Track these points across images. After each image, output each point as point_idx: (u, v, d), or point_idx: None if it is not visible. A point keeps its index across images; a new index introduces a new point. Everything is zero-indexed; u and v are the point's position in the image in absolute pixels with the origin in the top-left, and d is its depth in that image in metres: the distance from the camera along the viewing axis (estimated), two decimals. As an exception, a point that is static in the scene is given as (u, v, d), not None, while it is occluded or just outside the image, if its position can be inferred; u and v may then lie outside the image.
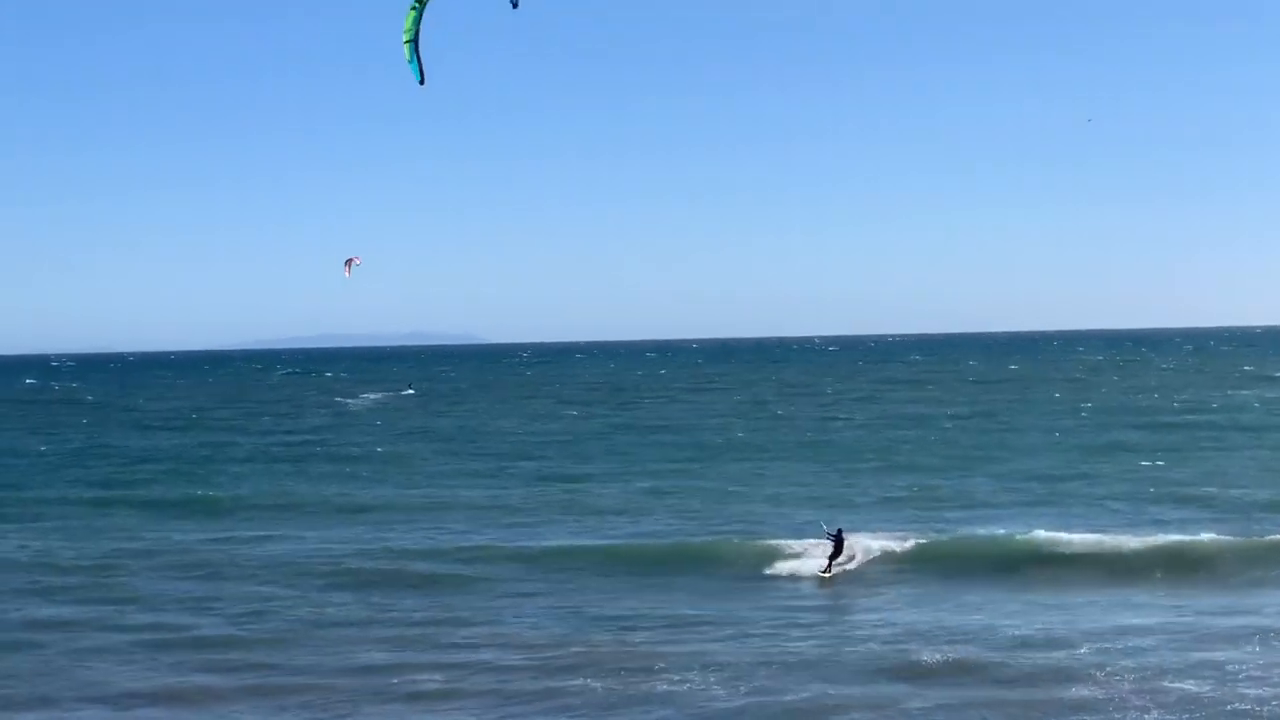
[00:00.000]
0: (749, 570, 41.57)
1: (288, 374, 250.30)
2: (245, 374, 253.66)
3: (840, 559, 40.42)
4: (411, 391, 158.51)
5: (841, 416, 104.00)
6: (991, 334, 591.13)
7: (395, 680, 30.11)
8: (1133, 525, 47.77)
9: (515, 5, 25.53)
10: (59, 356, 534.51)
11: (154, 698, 29.22)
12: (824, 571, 39.98)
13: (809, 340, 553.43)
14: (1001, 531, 46.01)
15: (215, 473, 71.37)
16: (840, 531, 41.05)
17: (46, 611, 37.58)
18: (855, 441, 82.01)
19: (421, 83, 28.04)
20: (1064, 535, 44.27)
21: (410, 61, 27.00)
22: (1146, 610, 35.93)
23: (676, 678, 29.66)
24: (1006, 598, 37.91)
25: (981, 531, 46.34)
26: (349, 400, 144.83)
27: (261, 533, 50.63)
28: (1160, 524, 47.98)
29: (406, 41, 26.94)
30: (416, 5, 26.58)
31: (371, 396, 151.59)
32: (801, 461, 71.16)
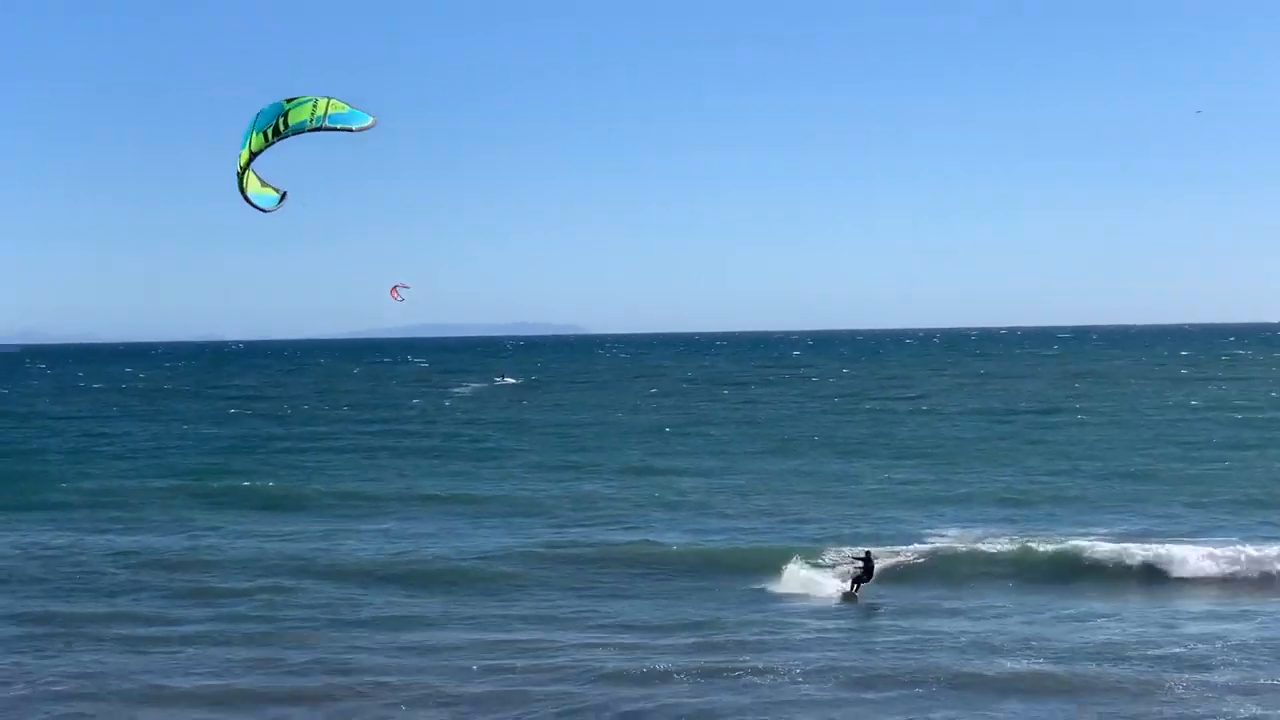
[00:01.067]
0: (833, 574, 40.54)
1: (384, 364, 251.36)
2: (342, 363, 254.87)
3: (868, 582, 37.69)
4: (511, 381, 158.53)
5: (940, 411, 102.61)
6: (1094, 327, 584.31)
7: (475, 667, 30.23)
8: (1236, 529, 46.39)
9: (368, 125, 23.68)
10: (164, 345, 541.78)
11: (216, 699, 29.01)
12: (848, 594, 37.53)
13: (913, 332, 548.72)
14: (1099, 534, 44.86)
15: (303, 465, 71.35)
16: (869, 554, 38.36)
17: (122, 606, 37.67)
18: (952, 437, 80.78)
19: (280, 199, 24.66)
20: (1164, 543, 42.47)
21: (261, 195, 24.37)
22: (1250, 618, 34.92)
23: (762, 670, 29.81)
24: (1100, 605, 36.85)
25: (1078, 534, 45.17)
26: (444, 391, 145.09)
27: (344, 527, 50.45)
28: (1271, 527, 46.56)
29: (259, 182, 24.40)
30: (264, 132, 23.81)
31: (470, 387, 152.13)
32: (897, 458, 69.99)
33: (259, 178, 24.63)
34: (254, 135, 24.18)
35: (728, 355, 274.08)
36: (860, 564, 37.90)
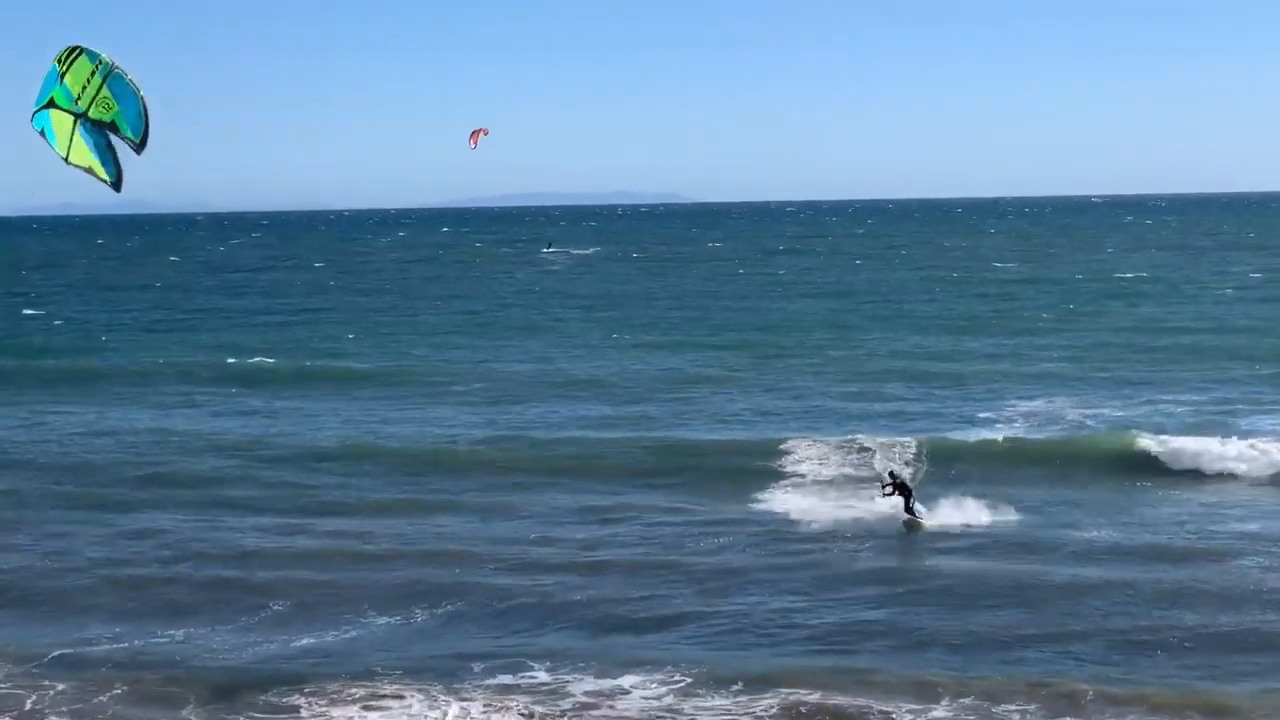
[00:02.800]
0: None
1: (466, 232, 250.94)
2: (427, 233, 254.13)
3: (910, 503, 33.20)
4: (558, 250, 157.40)
5: (1018, 281, 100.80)
6: (1217, 195, 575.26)
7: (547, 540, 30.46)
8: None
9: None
10: (267, 214, 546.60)
11: (293, 558, 30.09)
12: (911, 521, 33.09)
13: (1022, 201, 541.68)
14: (1174, 416, 43.55)
15: (389, 341, 70.50)
16: (892, 473, 34.31)
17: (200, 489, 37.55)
18: (1031, 313, 78.90)
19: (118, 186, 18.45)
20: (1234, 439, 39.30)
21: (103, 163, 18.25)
22: None
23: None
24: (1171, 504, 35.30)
25: (1146, 418, 43.69)
26: (524, 263, 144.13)
27: (409, 411, 49.40)
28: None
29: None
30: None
31: (547, 251, 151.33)
32: (969, 334, 68.53)
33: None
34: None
35: (831, 221, 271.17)
36: (891, 489, 33.61)
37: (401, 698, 22.42)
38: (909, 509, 33.24)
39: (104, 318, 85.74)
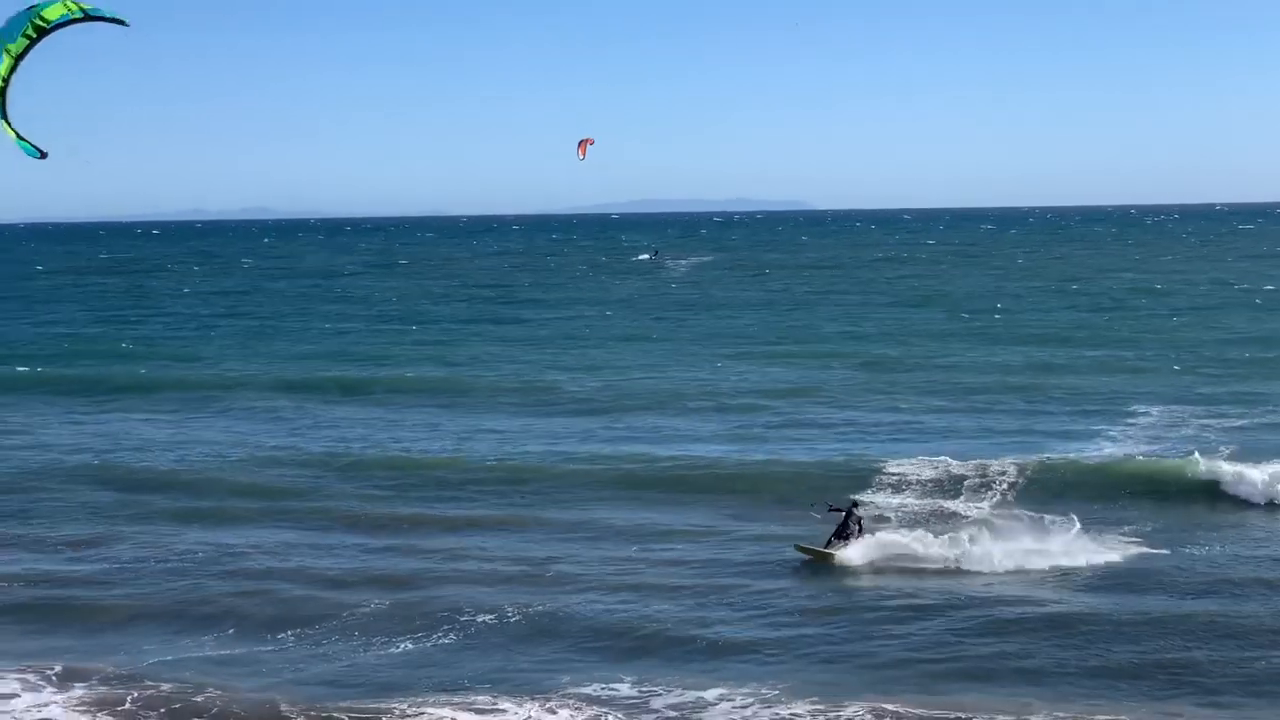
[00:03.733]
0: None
1: (575, 240, 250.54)
2: (537, 240, 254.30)
3: (851, 534, 31.55)
4: (650, 258, 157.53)
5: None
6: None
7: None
8: None
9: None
10: (389, 220, 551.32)
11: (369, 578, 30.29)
12: (820, 552, 31.36)
13: (1144, 209, 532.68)
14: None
15: (490, 351, 70.25)
16: (855, 503, 32.74)
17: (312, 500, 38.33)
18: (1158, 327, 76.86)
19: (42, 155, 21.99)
20: None
21: (19, 143, 21.93)
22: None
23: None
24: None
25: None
26: (627, 271, 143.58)
27: (508, 421, 49.65)
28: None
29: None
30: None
31: (641, 256, 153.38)
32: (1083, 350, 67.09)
33: (13, 127, 22.31)
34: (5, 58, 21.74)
35: (956, 229, 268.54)
36: (842, 514, 32.25)
37: (490, 710, 22.74)
38: (840, 536, 31.56)
39: (207, 325, 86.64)
